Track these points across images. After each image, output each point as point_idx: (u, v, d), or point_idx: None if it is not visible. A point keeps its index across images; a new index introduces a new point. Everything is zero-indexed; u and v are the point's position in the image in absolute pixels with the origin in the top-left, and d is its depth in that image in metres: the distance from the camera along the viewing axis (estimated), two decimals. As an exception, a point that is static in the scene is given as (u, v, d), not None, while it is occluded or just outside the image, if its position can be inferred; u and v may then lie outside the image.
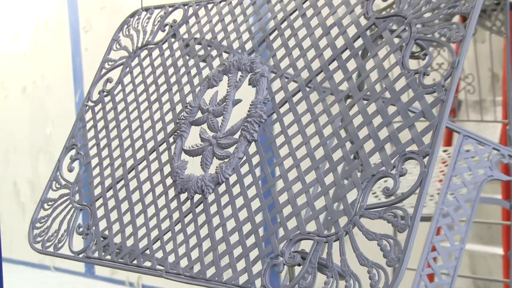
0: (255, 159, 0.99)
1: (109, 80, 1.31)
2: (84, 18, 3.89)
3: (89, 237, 1.12)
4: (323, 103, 0.96)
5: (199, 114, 1.12)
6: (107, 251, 1.09)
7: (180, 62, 1.21)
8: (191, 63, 1.20)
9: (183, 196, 1.05)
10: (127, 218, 1.10)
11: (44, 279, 4.13)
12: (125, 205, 1.11)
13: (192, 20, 1.27)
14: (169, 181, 1.08)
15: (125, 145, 1.19)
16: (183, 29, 1.27)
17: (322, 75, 0.98)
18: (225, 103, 1.08)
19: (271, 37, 1.10)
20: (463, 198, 1.14)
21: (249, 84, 1.08)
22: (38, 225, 1.19)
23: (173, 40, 1.27)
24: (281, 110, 1.01)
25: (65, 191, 1.21)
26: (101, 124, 1.26)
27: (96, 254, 1.09)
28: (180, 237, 1.01)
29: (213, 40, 1.20)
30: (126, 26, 1.36)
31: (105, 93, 1.29)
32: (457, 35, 0.85)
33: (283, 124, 0.98)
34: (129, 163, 1.16)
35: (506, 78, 1.80)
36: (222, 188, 1.01)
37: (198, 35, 1.23)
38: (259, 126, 1.01)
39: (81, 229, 1.14)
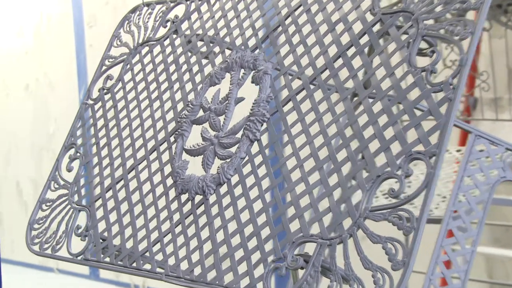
0: (258, 159, 0.97)
1: (109, 78, 1.29)
2: (89, 13, 3.87)
3: (88, 238, 1.10)
4: (328, 102, 0.94)
5: (200, 113, 1.11)
6: (106, 253, 1.07)
7: (182, 59, 1.20)
8: (193, 60, 1.18)
9: (183, 197, 1.04)
10: (126, 219, 1.08)
11: (47, 281, 4.07)
12: (124, 206, 1.10)
13: (194, 16, 1.25)
14: (169, 181, 1.07)
15: (125, 144, 1.18)
16: (185, 25, 1.25)
17: (327, 72, 0.97)
18: (227, 102, 1.07)
19: (275, 33, 1.09)
20: (475, 200, 1.11)
21: (252, 81, 1.06)
22: (36, 226, 1.17)
23: (174, 36, 1.25)
24: (284, 109, 0.99)
25: (64, 191, 1.19)
26: (100, 123, 1.24)
27: (95, 256, 1.08)
28: (181, 239, 1.00)
29: (215, 37, 1.18)
30: (127, 22, 1.34)
31: (105, 90, 1.28)
32: (465, 31, 0.83)
33: (287, 123, 0.96)
34: (129, 162, 1.14)
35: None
36: (224, 188, 0.99)
37: (200, 31, 1.22)
38: (262, 125, 0.99)
39: (80, 231, 1.12)
